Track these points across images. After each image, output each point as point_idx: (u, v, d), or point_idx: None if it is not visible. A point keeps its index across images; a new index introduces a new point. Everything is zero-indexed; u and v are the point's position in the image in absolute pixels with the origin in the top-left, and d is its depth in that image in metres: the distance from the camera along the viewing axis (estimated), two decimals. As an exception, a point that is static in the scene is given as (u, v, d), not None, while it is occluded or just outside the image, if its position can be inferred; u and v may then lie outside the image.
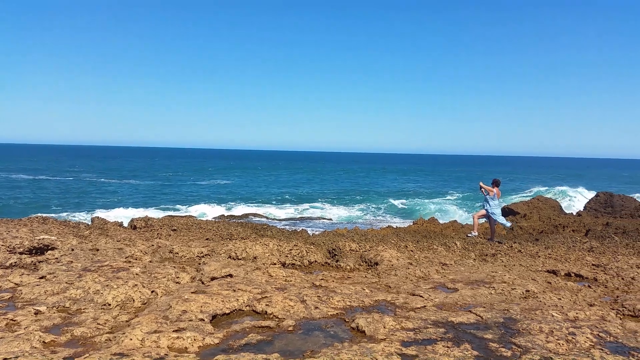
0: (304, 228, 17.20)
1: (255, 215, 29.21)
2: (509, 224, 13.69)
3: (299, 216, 30.81)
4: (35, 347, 3.94)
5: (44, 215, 12.53)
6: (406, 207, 38.13)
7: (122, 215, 25.73)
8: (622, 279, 7.25)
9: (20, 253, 7.56)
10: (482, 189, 13.16)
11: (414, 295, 5.94)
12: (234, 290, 5.67)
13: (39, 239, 8.15)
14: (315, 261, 8.42)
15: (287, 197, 45.66)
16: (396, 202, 40.48)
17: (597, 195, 23.70)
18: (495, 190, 12.96)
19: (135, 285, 5.70)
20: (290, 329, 4.62)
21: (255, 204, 37.54)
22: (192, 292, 5.54)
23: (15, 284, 5.88)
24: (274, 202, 40.38)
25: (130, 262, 7.21)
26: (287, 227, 19.70)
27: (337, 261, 8.59)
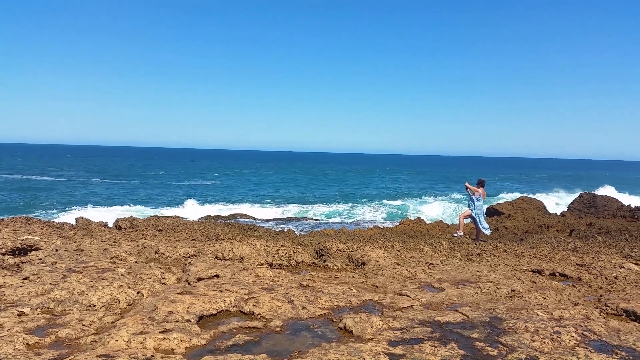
0: (291, 228, 17.18)
1: (242, 215, 29.08)
2: (488, 232, 13.28)
3: (286, 216, 30.74)
4: (19, 349, 3.88)
5: (28, 215, 12.35)
6: (393, 207, 38.30)
7: (107, 215, 25.44)
8: (605, 278, 7.36)
9: (3, 254, 7.44)
10: (468, 189, 13.26)
11: (400, 295, 5.96)
12: (221, 291, 5.64)
13: (22, 240, 8.03)
14: (303, 261, 8.41)
15: (274, 197, 45.56)
16: (384, 203, 40.63)
17: (580, 196, 24.03)
18: (480, 190, 13.07)
19: (121, 286, 5.65)
20: (277, 329, 4.61)
21: (243, 204, 37.39)
22: (178, 293, 5.50)
23: (-3, 285, 5.79)
24: (261, 203, 40.26)
25: (115, 262, 7.14)
26: (274, 227, 19.65)
27: (324, 261, 8.59)
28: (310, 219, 29.49)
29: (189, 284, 6.19)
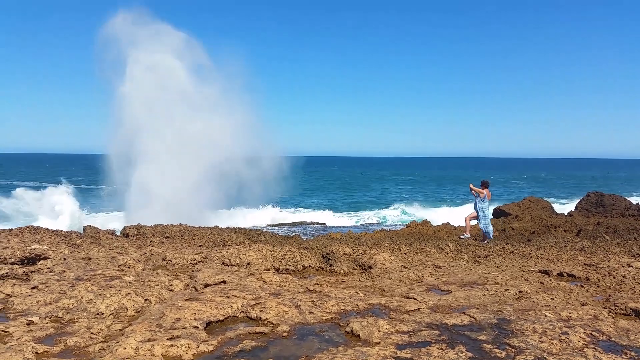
0: (297, 233, 17.19)
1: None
2: (490, 236, 13.20)
3: (292, 221, 30.76)
4: (28, 358, 3.91)
5: (36, 224, 12.44)
6: (400, 210, 38.25)
7: (114, 222, 25.53)
8: (614, 277, 7.32)
9: (12, 263, 7.49)
10: (473, 191, 13.23)
11: (407, 298, 5.96)
12: (228, 297, 5.66)
13: (31, 249, 8.09)
14: (309, 266, 8.41)
15: (281, 202, 45.57)
16: (390, 205, 40.60)
17: (587, 195, 23.87)
18: (485, 191, 13.03)
19: (129, 293, 5.67)
20: (284, 334, 4.62)
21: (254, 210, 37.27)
22: (185, 300, 5.52)
23: (6, 294, 5.83)
24: (269, 207, 40.16)
25: (123, 270, 7.17)
26: (281, 232, 19.67)
27: (331, 265, 8.59)
28: (317, 223, 29.49)
29: (196, 290, 6.21)
